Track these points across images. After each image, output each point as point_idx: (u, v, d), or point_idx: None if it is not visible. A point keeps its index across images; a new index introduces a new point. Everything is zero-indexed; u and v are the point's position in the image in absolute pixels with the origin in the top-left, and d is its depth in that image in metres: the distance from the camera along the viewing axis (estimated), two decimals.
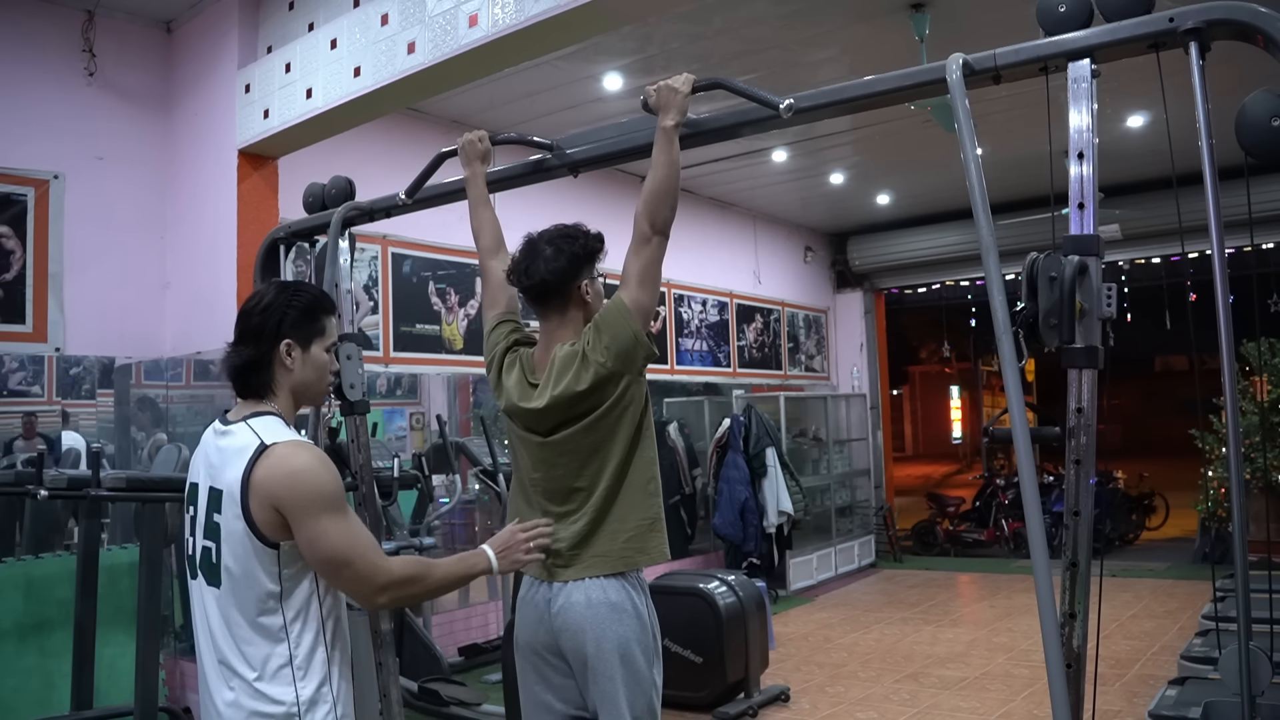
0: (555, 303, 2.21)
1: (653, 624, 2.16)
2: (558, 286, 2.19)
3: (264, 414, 1.77)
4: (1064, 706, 1.72)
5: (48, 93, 4.85)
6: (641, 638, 2.11)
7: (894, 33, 5.22)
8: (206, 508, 1.75)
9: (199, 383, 5.23)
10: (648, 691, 2.11)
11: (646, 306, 2.13)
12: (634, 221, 2.15)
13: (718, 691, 4.77)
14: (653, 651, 2.14)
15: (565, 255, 2.18)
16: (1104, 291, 1.82)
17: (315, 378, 1.84)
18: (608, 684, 2.08)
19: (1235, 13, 1.72)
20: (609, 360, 2.10)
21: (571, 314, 2.22)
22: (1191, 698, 3.16)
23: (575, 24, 3.55)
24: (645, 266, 2.14)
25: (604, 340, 2.11)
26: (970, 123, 1.90)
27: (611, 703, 2.08)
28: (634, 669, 2.09)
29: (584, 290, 2.21)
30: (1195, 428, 8.43)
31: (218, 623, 1.72)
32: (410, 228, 5.71)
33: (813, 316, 10.49)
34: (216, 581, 1.72)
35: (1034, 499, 1.78)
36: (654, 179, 2.15)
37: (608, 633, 2.08)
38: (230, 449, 1.73)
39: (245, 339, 1.79)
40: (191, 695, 4.71)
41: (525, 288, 2.23)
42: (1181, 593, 7.56)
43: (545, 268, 2.17)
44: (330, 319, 1.85)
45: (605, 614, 2.09)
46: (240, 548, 1.68)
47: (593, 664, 2.09)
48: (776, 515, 7.79)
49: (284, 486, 1.66)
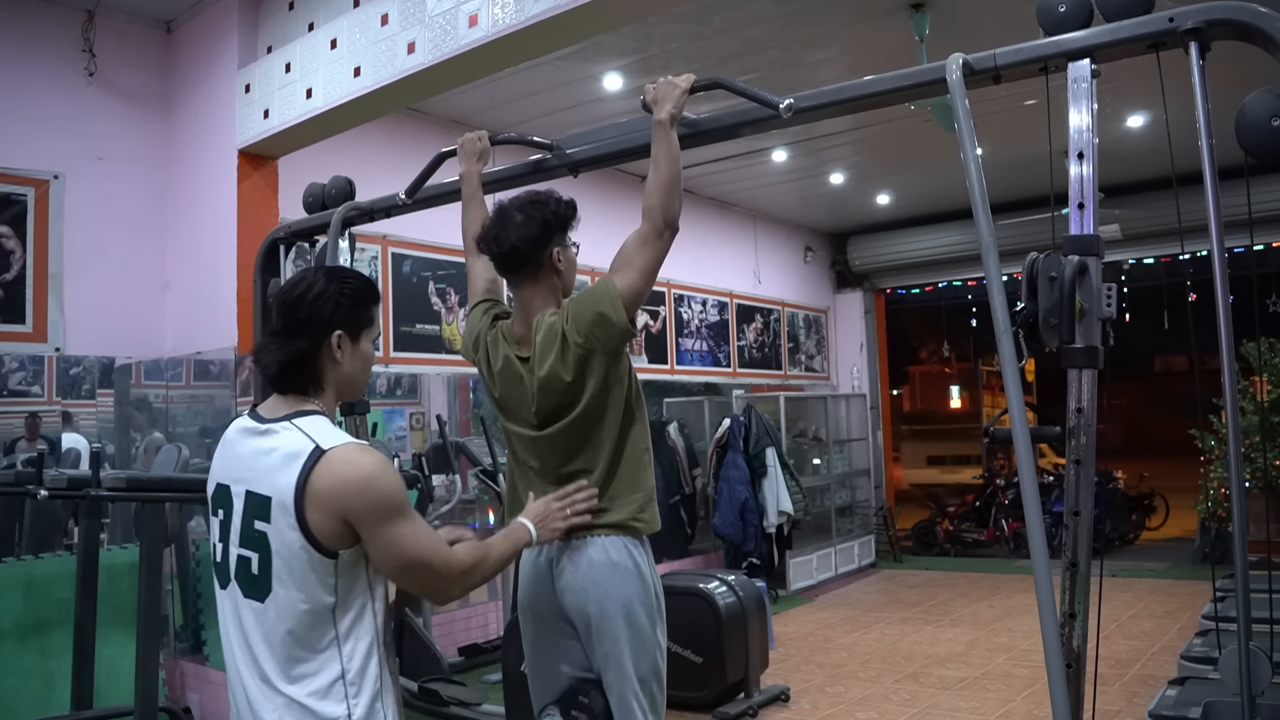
0: (527, 270, 2.16)
1: (655, 583, 2.15)
2: (529, 254, 2.14)
3: (309, 413, 1.63)
4: (1064, 706, 1.72)
5: (48, 93, 4.85)
6: (644, 597, 2.10)
7: (894, 33, 5.22)
8: (245, 514, 1.60)
9: (199, 383, 5.23)
10: (651, 651, 2.11)
11: (641, 295, 2.10)
12: (646, 214, 2.11)
13: (718, 691, 4.77)
14: (655, 611, 2.13)
15: (536, 222, 2.14)
16: (1104, 291, 1.82)
17: (361, 371, 1.72)
18: (611, 644, 2.08)
19: (1235, 13, 1.73)
20: (586, 340, 2.06)
21: (544, 281, 2.18)
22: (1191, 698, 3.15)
23: (575, 24, 3.55)
24: (652, 259, 2.10)
25: (586, 327, 2.07)
26: (970, 123, 1.91)
27: (616, 663, 2.08)
28: (637, 628, 2.08)
29: (555, 258, 2.17)
30: (1195, 428, 8.43)
31: (259, 637, 1.58)
32: (410, 228, 5.71)
33: (813, 316, 10.49)
34: (260, 593, 1.58)
35: (1034, 499, 1.79)
36: (658, 175, 2.13)
37: (610, 593, 2.07)
38: (275, 451, 1.59)
39: (294, 330, 1.63)
40: (192, 695, 4.71)
41: (495, 255, 2.18)
42: (1181, 593, 7.56)
43: (516, 234, 2.13)
44: (377, 309, 1.73)
45: (607, 574, 2.08)
46: (295, 560, 1.55)
47: (595, 625, 2.09)
48: (776, 515, 7.79)
49: (355, 496, 1.53)
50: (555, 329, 2.11)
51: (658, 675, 2.12)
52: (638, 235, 2.12)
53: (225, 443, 1.73)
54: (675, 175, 2.12)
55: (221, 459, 1.71)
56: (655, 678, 2.12)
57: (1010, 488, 10.24)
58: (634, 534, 2.13)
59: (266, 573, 1.57)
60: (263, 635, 1.59)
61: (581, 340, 2.06)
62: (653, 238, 2.10)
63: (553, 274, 2.18)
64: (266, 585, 1.57)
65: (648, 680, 2.10)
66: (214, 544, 1.69)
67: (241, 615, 1.62)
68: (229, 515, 1.64)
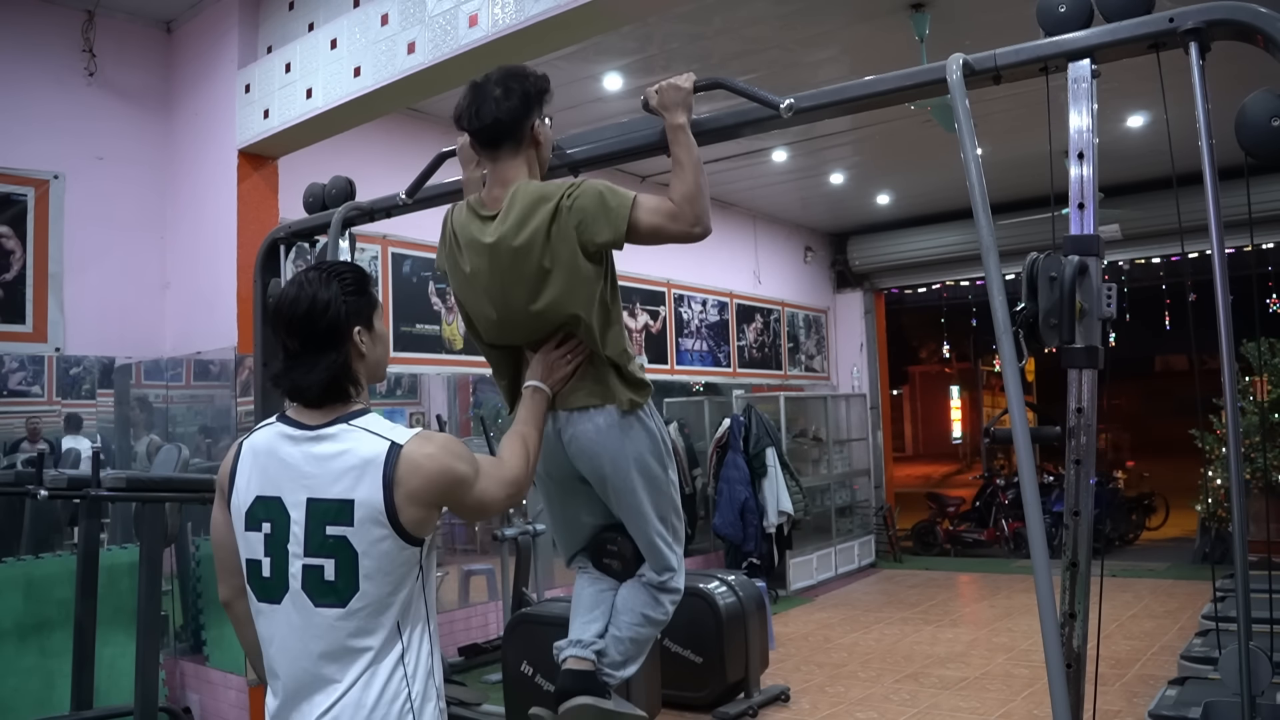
0: (508, 144, 2.10)
1: (661, 432, 2.17)
2: (511, 127, 2.08)
3: (360, 412, 1.64)
4: (1064, 706, 1.72)
5: (48, 93, 4.85)
6: (654, 448, 2.13)
7: (894, 33, 5.23)
8: (311, 521, 1.57)
9: (199, 383, 5.23)
10: (667, 491, 2.17)
11: (647, 228, 2.02)
12: (678, 208, 2.05)
13: (718, 691, 4.77)
14: (665, 456, 2.17)
15: (516, 94, 2.09)
16: (1104, 291, 1.82)
17: (384, 351, 1.76)
18: (630, 497, 2.12)
19: (1235, 13, 1.72)
20: (581, 221, 1.98)
21: (525, 153, 2.12)
22: (1191, 698, 3.15)
23: (575, 24, 3.55)
24: (669, 232, 2.04)
25: (589, 209, 1.99)
26: (970, 123, 1.90)
27: (637, 512, 2.14)
28: (651, 477, 2.13)
29: (536, 129, 2.13)
30: (1195, 428, 8.43)
31: (333, 642, 1.58)
32: (410, 228, 5.70)
33: (813, 316, 10.49)
34: (339, 598, 1.57)
35: (1034, 499, 1.78)
36: (684, 182, 2.07)
37: (623, 451, 2.09)
38: (345, 455, 1.58)
39: (320, 346, 1.63)
40: (192, 695, 4.71)
41: (476, 130, 2.11)
42: (1181, 593, 7.57)
43: (497, 108, 2.07)
44: (373, 286, 1.75)
45: (615, 435, 2.09)
46: (385, 557, 1.57)
47: (612, 482, 2.12)
48: (776, 515, 7.80)
49: (442, 484, 1.60)
50: (546, 193, 2.02)
51: (675, 509, 2.20)
52: (673, 210, 2.04)
53: (260, 452, 1.66)
54: (701, 179, 2.10)
55: (260, 470, 1.64)
56: (674, 511, 2.20)
57: (1010, 488, 10.24)
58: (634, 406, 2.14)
59: (350, 575, 1.57)
60: (338, 639, 1.58)
61: (576, 222, 1.98)
62: (681, 224, 2.04)
63: (533, 146, 2.15)
64: (351, 587, 1.57)
65: (668, 517, 2.18)
66: (255, 559, 1.63)
67: (312, 624, 1.59)
68: (282, 527, 1.60)
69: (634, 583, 2.24)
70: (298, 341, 1.63)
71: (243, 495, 1.65)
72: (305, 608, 1.58)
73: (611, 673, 2.20)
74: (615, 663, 2.20)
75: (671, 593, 2.24)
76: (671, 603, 2.25)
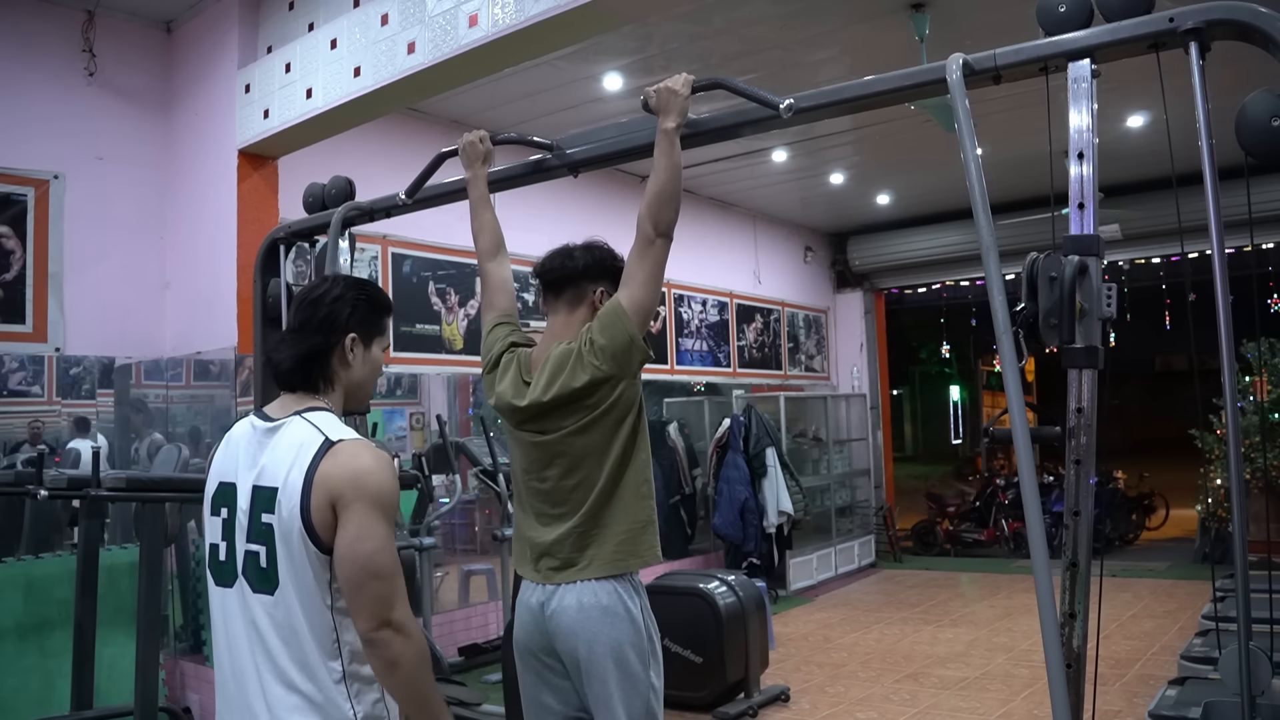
0: (568, 295, 2.26)
1: (648, 626, 2.15)
2: (576, 279, 2.25)
3: (318, 409, 1.68)
4: (1064, 706, 1.72)
5: (48, 93, 4.85)
6: (635, 640, 2.10)
7: (894, 33, 5.22)
8: (252, 508, 1.62)
9: (199, 383, 5.23)
10: (644, 694, 2.10)
11: (646, 308, 2.13)
12: (637, 225, 2.15)
13: (718, 691, 4.77)
14: (648, 654, 2.13)
15: (594, 255, 2.26)
16: (1104, 291, 1.82)
17: (369, 378, 1.78)
18: (601, 687, 2.08)
19: (1235, 13, 1.72)
20: (604, 363, 2.10)
21: (579, 313, 2.25)
22: (1191, 698, 3.15)
23: (575, 24, 3.56)
24: (650, 269, 2.13)
25: (600, 342, 2.11)
26: (970, 123, 1.90)
27: (606, 706, 2.08)
28: (628, 671, 2.08)
29: (598, 296, 2.24)
30: (1195, 428, 8.43)
31: (273, 633, 1.60)
32: (410, 228, 5.71)
33: (813, 316, 10.49)
34: (270, 587, 1.60)
35: (1034, 499, 1.78)
36: (656, 182, 2.15)
37: (600, 636, 2.08)
38: (285, 444, 1.62)
39: (312, 328, 1.70)
40: (192, 695, 4.71)
41: (546, 269, 2.29)
42: (1181, 593, 7.56)
43: (572, 261, 2.25)
44: (389, 320, 1.82)
45: (597, 617, 2.08)
46: (297, 552, 1.58)
47: (586, 667, 2.09)
48: (776, 515, 7.79)
49: (346, 482, 1.57)
50: (570, 350, 2.16)
51: (650, 717, 2.12)
52: (634, 249, 2.16)
53: (230, 441, 1.74)
54: (673, 185, 2.15)
55: (225, 457, 1.73)
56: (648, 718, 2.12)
57: (1010, 488, 10.24)
58: (624, 574, 2.14)
59: (274, 565, 1.60)
60: (276, 630, 1.60)
61: (598, 362, 2.10)
62: (645, 247, 2.13)
63: (589, 310, 2.24)
64: (276, 578, 1.60)
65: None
66: (215, 543, 1.69)
67: (254, 612, 1.62)
68: (234, 512, 1.66)
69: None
70: (298, 319, 1.73)
71: (210, 481, 1.74)
72: (247, 593, 1.63)
73: None
74: None
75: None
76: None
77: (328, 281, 1.77)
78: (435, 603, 6.04)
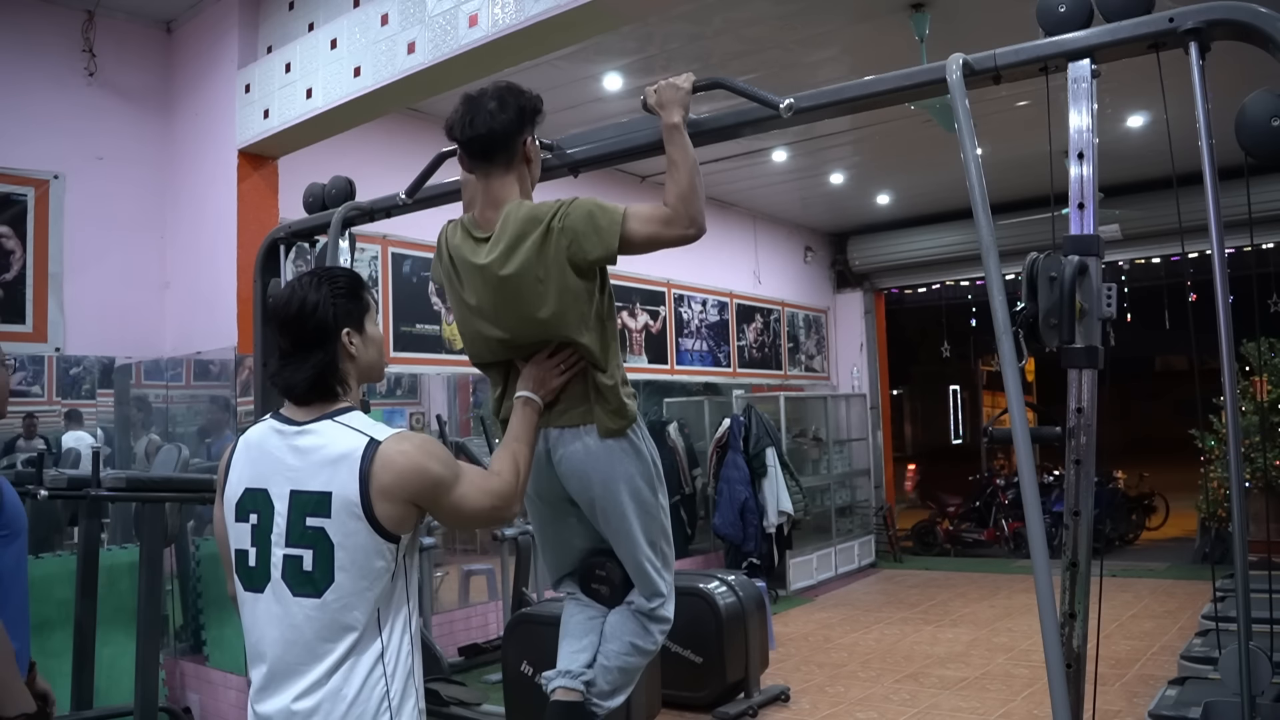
0: (500, 158, 2.11)
1: (652, 454, 2.17)
2: (504, 139, 2.09)
3: (346, 409, 1.70)
4: (1064, 706, 1.72)
5: (48, 93, 4.85)
6: (644, 471, 2.13)
7: (894, 33, 5.22)
8: (293, 512, 1.64)
9: (199, 383, 5.23)
10: (657, 515, 2.16)
11: (640, 238, 2.03)
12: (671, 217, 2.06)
13: (718, 691, 4.77)
14: (655, 480, 2.16)
15: (512, 108, 2.10)
16: (1104, 291, 1.82)
17: (377, 354, 1.80)
18: (620, 521, 2.11)
19: (1235, 13, 1.73)
20: (572, 240, 2.00)
21: (516, 170, 2.13)
22: (1191, 698, 3.15)
23: (575, 24, 3.56)
24: (666, 236, 2.04)
25: (579, 229, 2.00)
26: (970, 123, 1.90)
27: (626, 536, 2.13)
28: (642, 501, 2.12)
29: (528, 146, 2.14)
30: (1195, 428, 8.43)
31: (312, 632, 1.62)
32: (410, 228, 5.69)
33: (813, 316, 10.49)
34: (315, 589, 1.62)
35: (1034, 499, 1.78)
36: (678, 181, 2.07)
37: (612, 473, 2.09)
38: (324, 448, 1.64)
39: (308, 346, 1.70)
40: (192, 695, 4.71)
41: (468, 139, 2.11)
42: (1181, 593, 7.56)
43: (491, 119, 2.08)
44: (367, 292, 1.81)
45: (604, 456, 2.08)
46: (359, 549, 1.61)
47: (601, 505, 2.11)
48: (776, 515, 7.79)
49: (417, 482, 1.62)
50: (537, 215, 2.03)
51: (665, 534, 2.19)
52: (667, 215, 2.04)
53: (251, 446, 1.73)
54: (695, 179, 2.08)
55: (249, 463, 1.72)
56: (663, 537, 2.19)
57: (1010, 488, 10.24)
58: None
59: (326, 566, 1.62)
60: (315, 630, 1.62)
61: (567, 242, 1.99)
62: (676, 227, 2.04)
63: (524, 163, 2.16)
64: (326, 578, 1.62)
65: (657, 542, 2.17)
66: (243, 549, 1.69)
67: (290, 613, 1.64)
68: (267, 518, 1.67)
69: (623, 610, 2.21)
70: (289, 341, 1.71)
71: (234, 487, 1.72)
72: (285, 597, 1.64)
73: (600, 703, 2.18)
74: (603, 693, 2.18)
75: (661, 621, 2.21)
76: (661, 632, 2.22)
77: (297, 292, 1.72)
78: (435, 603, 6.04)
